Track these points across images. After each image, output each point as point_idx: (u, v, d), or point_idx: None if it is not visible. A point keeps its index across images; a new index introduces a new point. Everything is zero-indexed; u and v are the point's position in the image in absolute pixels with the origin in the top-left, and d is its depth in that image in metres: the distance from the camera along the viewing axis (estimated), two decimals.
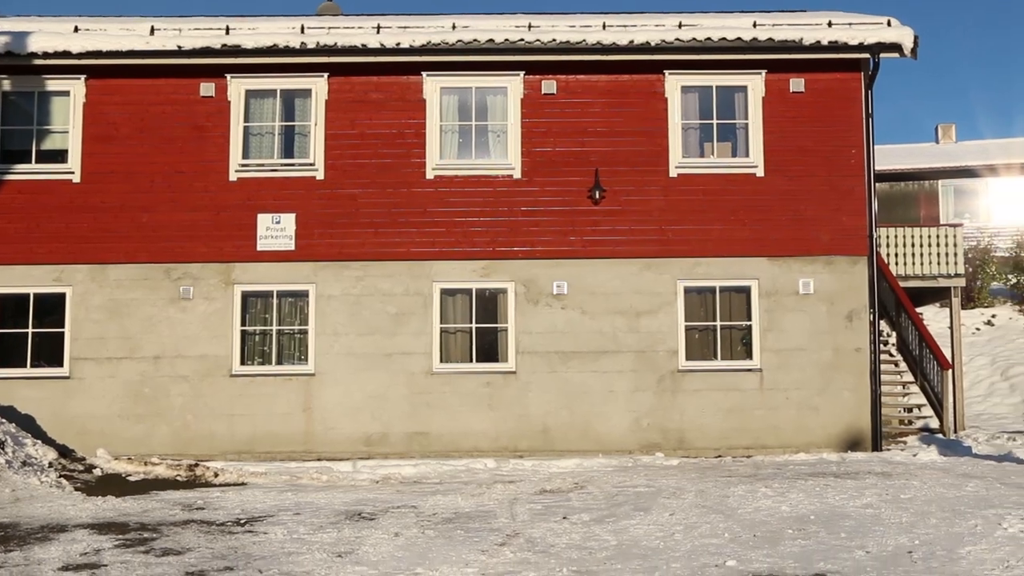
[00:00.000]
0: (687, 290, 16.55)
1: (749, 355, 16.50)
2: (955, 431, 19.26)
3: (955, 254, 21.86)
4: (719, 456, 15.85)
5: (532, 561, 7.37)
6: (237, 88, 16.69)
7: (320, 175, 16.56)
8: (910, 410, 20.45)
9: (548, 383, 16.29)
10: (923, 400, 19.85)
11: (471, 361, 16.40)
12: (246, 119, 16.70)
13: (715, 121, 16.79)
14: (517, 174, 16.56)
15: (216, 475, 13.41)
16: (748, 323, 16.52)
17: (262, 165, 16.62)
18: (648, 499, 10.45)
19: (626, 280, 16.45)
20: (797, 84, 16.69)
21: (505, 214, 16.47)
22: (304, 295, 16.53)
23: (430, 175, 16.56)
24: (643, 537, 8.27)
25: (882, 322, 20.95)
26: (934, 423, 19.05)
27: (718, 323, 16.57)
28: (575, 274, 16.43)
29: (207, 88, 16.65)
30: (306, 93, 16.76)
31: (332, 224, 16.48)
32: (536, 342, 16.37)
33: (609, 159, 16.55)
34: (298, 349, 16.52)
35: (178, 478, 13.24)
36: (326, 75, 16.68)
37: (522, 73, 16.67)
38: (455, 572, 7.03)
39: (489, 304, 16.57)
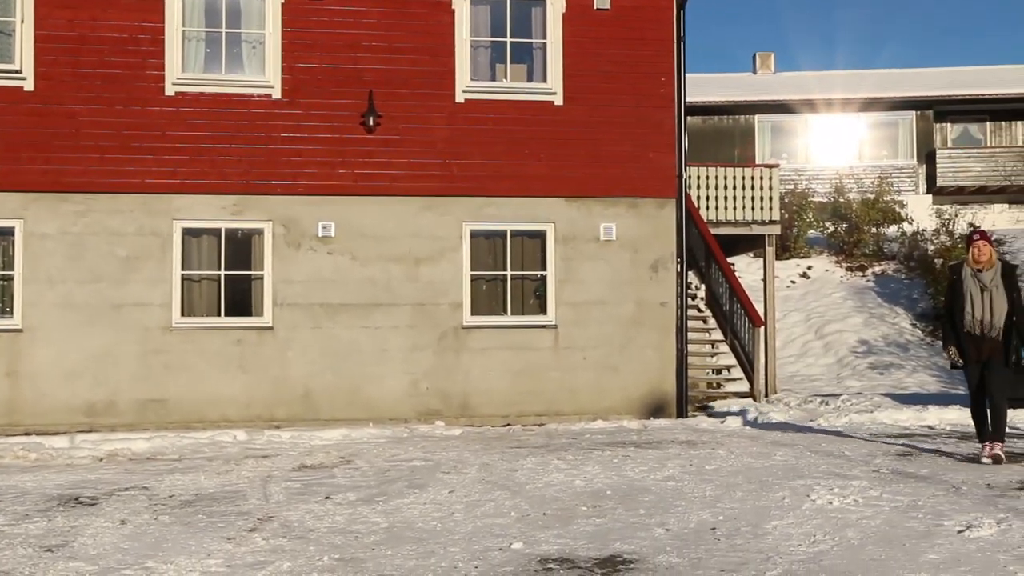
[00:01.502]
0: (474, 234, 16.70)
1: (543, 309, 16.84)
2: (766, 395, 20.32)
3: (771, 198, 22.93)
4: (508, 424, 16.15)
5: (287, 549, 7.30)
6: None
7: (29, 85, 15.70)
8: (719, 371, 21.44)
9: (311, 341, 16.14)
10: (733, 360, 20.84)
11: (219, 315, 16.08)
12: None
13: (509, 39, 16.91)
14: (277, 94, 16.21)
15: None
16: (542, 273, 16.83)
17: None
18: (425, 474, 10.53)
19: (404, 221, 16.43)
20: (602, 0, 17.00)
21: (262, 141, 16.12)
22: (9, 233, 15.70)
23: (170, 91, 15.98)
24: (418, 518, 8.33)
25: (691, 273, 21.79)
26: (745, 386, 20.04)
27: (508, 272, 16.81)
28: (345, 213, 16.28)
29: None
30: None
31: (46, 147, 15.68)
32: (298, 293, 16.17)
33: (386, 79, 16.42)
34: (0, 300, 15.72)
35: None
36: None
37: None
38: (194, 564, 6.88)
39: (242, 248, 16.23)
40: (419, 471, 10.81)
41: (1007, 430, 11.34)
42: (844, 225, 33.71)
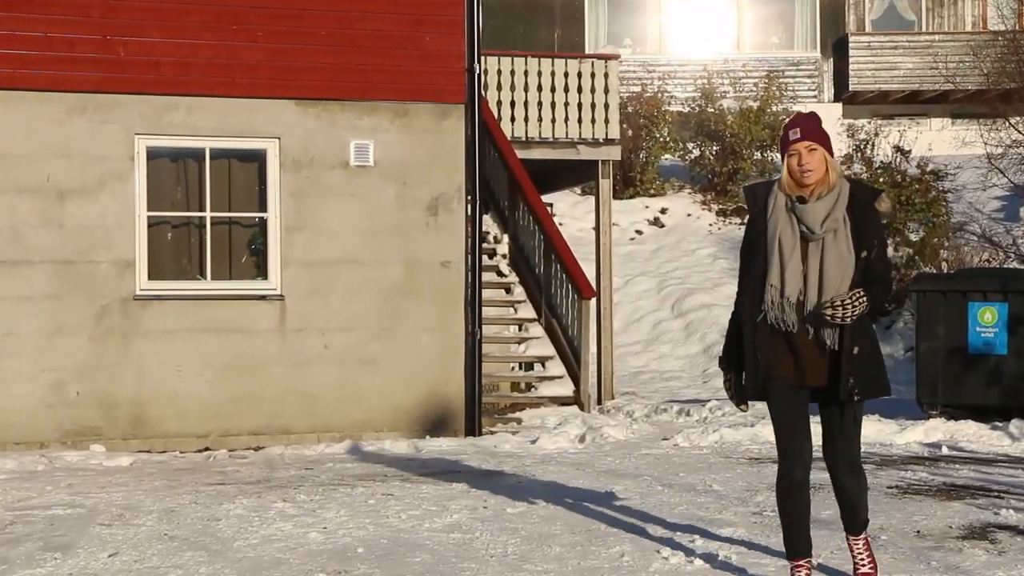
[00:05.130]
0: (154, 153, 16.49)
1: (262, 272, 16.73)
2: (599, 401, 20.67)
3: (607, 105, 23.22)
4: (207, 449, 16.05)
5: None
6: None
7: None
8: (530, 367, 21.64)
9: None
10: (551, 350, 21.05)
11: None
12: None
13: None
14: None
15: None
16: (261, 215, 16.72)
17: None
18: (74, 528, 10.38)
19: (40, 132, 16.07)
20: None
21: None
22: None
23: None
24: None
25: (488, 218, 21.91)
26: (568, 387, 20.28)
27: (208, 214, 16.65)
28: None
29: None
30: None
31: None
32: None
33: None
34: None
35: None
36: None
37: None
38: None
39: None
40: (63, 524, 10.64)
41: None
42: (715, 147, 34.46)
